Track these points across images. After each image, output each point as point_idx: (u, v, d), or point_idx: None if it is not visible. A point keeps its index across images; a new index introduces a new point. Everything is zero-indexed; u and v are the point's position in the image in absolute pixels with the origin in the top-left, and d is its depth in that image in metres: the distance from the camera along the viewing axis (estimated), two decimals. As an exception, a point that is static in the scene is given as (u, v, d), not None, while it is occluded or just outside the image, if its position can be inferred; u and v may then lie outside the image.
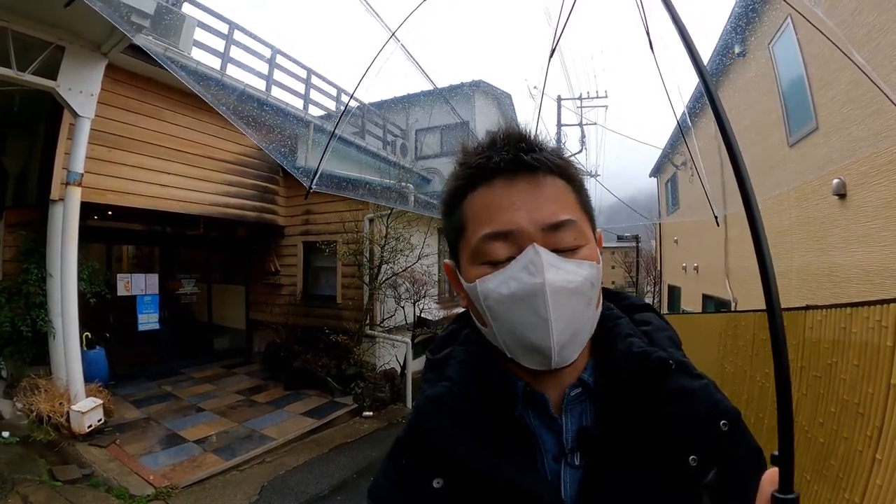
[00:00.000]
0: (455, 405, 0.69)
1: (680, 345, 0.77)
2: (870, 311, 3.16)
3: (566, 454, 0.69)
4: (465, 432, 0.67)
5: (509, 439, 0.68)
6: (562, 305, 0.64)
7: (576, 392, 0.71)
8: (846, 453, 3.12)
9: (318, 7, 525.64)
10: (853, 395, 3.17)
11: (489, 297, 0.67)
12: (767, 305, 0.59)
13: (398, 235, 8.83)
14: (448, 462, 0.66)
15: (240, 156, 8.99)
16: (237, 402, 7.68)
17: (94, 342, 6.81)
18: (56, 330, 5.60)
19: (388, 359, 9.03)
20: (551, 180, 0.68)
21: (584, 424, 0.70)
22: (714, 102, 0.68)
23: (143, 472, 5.02)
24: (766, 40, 6.84)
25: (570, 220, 0.67)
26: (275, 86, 9.99)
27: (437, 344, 0.85)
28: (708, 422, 0.66)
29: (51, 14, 4.85)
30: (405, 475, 0.69)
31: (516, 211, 0.66)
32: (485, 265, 0.68)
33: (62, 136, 5.86)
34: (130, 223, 8.24)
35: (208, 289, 10.95)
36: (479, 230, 0.68)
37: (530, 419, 0.71)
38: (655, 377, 0.68)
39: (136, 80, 7.06)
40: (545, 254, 0.64)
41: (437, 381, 0.75)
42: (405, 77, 17.84)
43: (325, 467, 5.77)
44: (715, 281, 10.55)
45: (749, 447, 0.69)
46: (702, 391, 0.69)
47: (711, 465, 0.64)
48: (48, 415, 5.20)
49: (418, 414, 0.72)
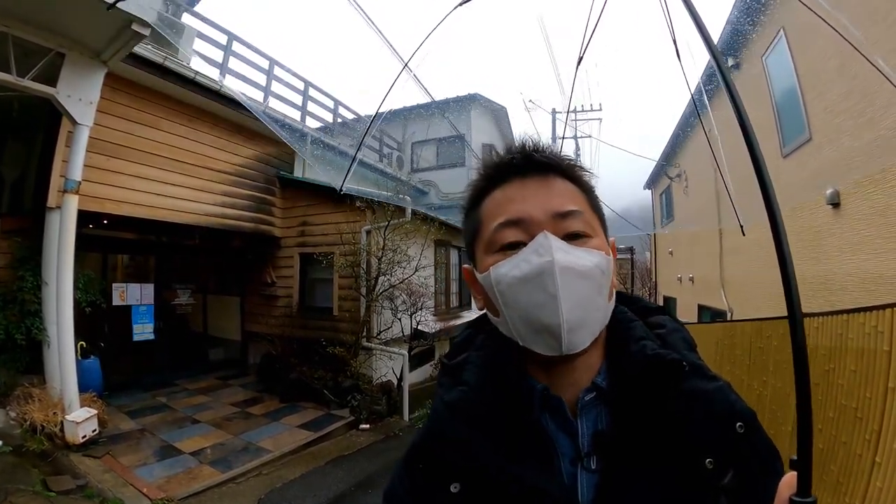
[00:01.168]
0: (472, 409, 0.70)
1: (695, 347, 0.78)
2: (866, 316, 3.19)
3: (582, 458, 0.69)
4: (481, 436, 0.68)
5: (526, 443, 0.69)
6: (570, 285, 0.66)
7: (590, 396, 0.72)
8: (845, 458, 3.13)
9: (316, 20, 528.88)
10: (851, 399, 3.19)
11: (501, 282, 0.69)
12: (789, 310, 0.61)
13: (395, 247, 8.80)
14: (465, 466, 0.67)
15: (237, 166, 9.00)
16: (233, 414, 7.61)
17: (88, 351, 6.75)
18: (51, 338, 5.54)
19: (385, 371, 8.98)
20: (561, 181, 0.74)
21: (599, 428, 0.70)
22: (740, 115, 0.71)
23: (138, 484, 4.94)
24: (759, 53, 6.94)
25: (578, 210, 0.71)
26: (272, 97, 10.07)
27: (453, 349, 0.86)
28: (724, 423, 0.66)
29: (52, 20, 4.85)
30: (421, 480, 0.69)
31: (528, 202, 0.71)
32: (498, 253, 0.71)
33: (60, 143, 5.84)
34: (126, 232, 8.19)
35: (204, 299, 10.94)
36: (494, 222, 0.72)
37: (547, 423, 0.72)
38: (669, 379, 0.69)
39: (136, 89, 7.07)
40: (554, 239, 0.67)
41: (453, 385, 0.76)
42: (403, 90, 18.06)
43: (322, 480, 5.70)
44: (710, 291, 10.58)
45: (766, 449, 0.69)
46: (717, 392, 0.69)
47: (728, 467, 0.64)
48: (42, 424, 5.12)
49: (435, 418, 0.73)
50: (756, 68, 7.06)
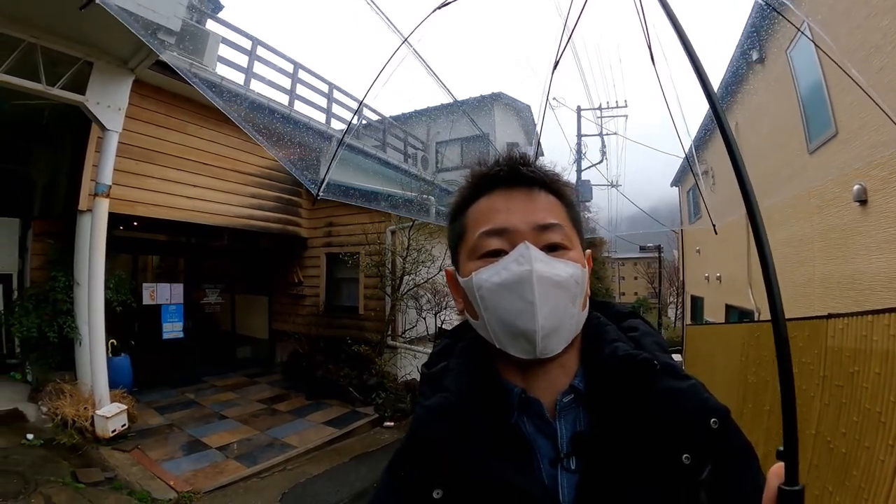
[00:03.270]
0: (452, 414, 0.72)
1: (667, 349, 0.81)
2: (890, 318, 3.08)
3: (562, 459, 0.70)
4: (462, 440, 0.69)
5: (506, 446, 0.70)
6: (547, 294, 0.69)
7: (568, 398, 0.73)
8: (868, 463, 3.03)
9: (338, 22, 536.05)
10: (875, 403, 3.08)
11: (482, 287, 0.72)
12: (770, 306, 0.63)
13: (420, 247, 8.86)
14: (447, 471, 0.68)
15: (264, 169, 9.16)
16: (259, 411, 7.74)
17: (119, 349, 6.97)
18: (82, 337, 5.74)
19: (410, 369, 9.01)
20: (544, 195, 0.77)
21: (578, 429, 0.71)
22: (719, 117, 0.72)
23: (165, 477, 5.08)
24: (783, 45, 6.74)
25: (558, 224, 0.75)
26: (297, 100, 10.19)
27: (432, 358, 0.89)
28: (697, 420, 0.68)
29: (78, 31, 5.01)
30: (404, 487, 0.70)
31: (512, 213, 0.74)
32: (480, 259, 0.75)
33: (90, 149, 6.05)
34: (156, 234, 8.41)
35: (232, 299, 11.12)
36: (479, 229, 0.76)
37: (525, 426, 0.73)
38: (642, 379, 0.71)
39: (163, 95, 7.26)
40: (535, 250, 0.71)
41: (433, 392, 0.77)
42: (425, 90, 18.02)
43: (346, 476, 5.75)
44: (738, 291, 10.30)
45: (740, 443, 0.71)
46: (689, 391, 0.71)
47: (705, 463, 0.66)
48: (73, 419, 5.32)
49: (417, 423, 0.74)
50: (780, 62, 6.86)
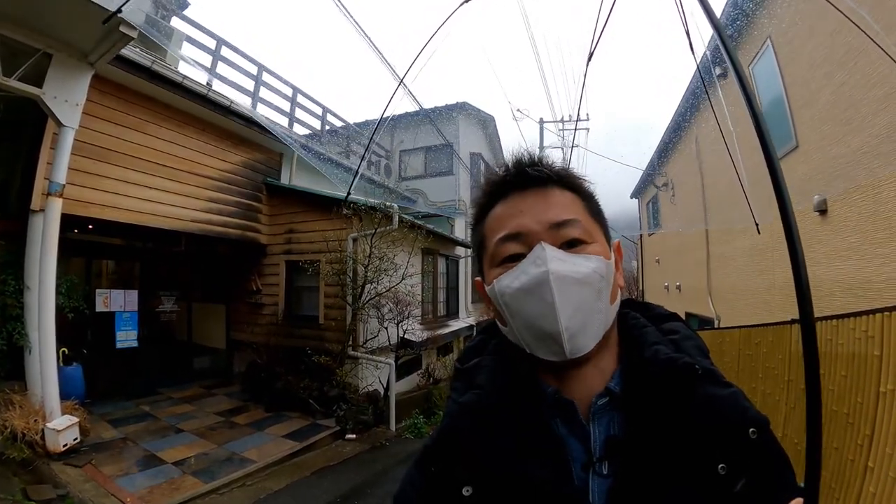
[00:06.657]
0: (485, 412, 0.72)
1: (708, 353, 0.79)
2: (856, 322, 3.23)
3: (594, 463, 0.69)
4: (495, 439, 0.69)
5: (539, 446, 0.69)
6: (567, 292, 0.68)
7: (603, 401, 0.72)
8: (837, 464, 3.15)
9: (305, 27, 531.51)
10: (842, 405, 3.21)
11: (505, 294, 0.72)
12: (801, 318, 0.62)
13: (382, 255, 8.75)
14: (478, 469, 0.67)
15: (224, 172, 8.90)
16: (217, 424, 7.46)
17: (70, 358, 6.61)
18: (32, 344, 5.40)
19: (371, 380, 8.91)
20: (559, 191, 0.77)
21: (612, 433, 0.70)
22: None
23: (119, 494, 4.82)
24: (746, 62, 7.05)
25: (573, 219, 0.74)
26: (260, 103, 10.03)
27: (466, 354, 0.89)
28: (736, 429, 0.67)
29: (40, 20, 4.79)
30: (433, 483, 0.69)
31: (525, 216, 0.74)
32: (501, 266, 0.75)
33: (45, 145, 5.74)
34: (111, 237, 8.06)
35: (188, 307, 10.77)
36: (496, 236, 0.76)
37: (559, 427, 0.72)
38: (682, 384, 0.69)
39: (123, 93, 6.99)
40: (550, 249, 0.70)
41: (466, 389, 0.77)
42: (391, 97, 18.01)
43: (308, 491, 5.60)
44: (697, 299, 10.68)
45: (778, 457, 0.69)
46: (730, 398, 0.69)
47: (741, 475, 0.64)
48: (23, 432, 4.98)
49: (449, 419, 0.74)
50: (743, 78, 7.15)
